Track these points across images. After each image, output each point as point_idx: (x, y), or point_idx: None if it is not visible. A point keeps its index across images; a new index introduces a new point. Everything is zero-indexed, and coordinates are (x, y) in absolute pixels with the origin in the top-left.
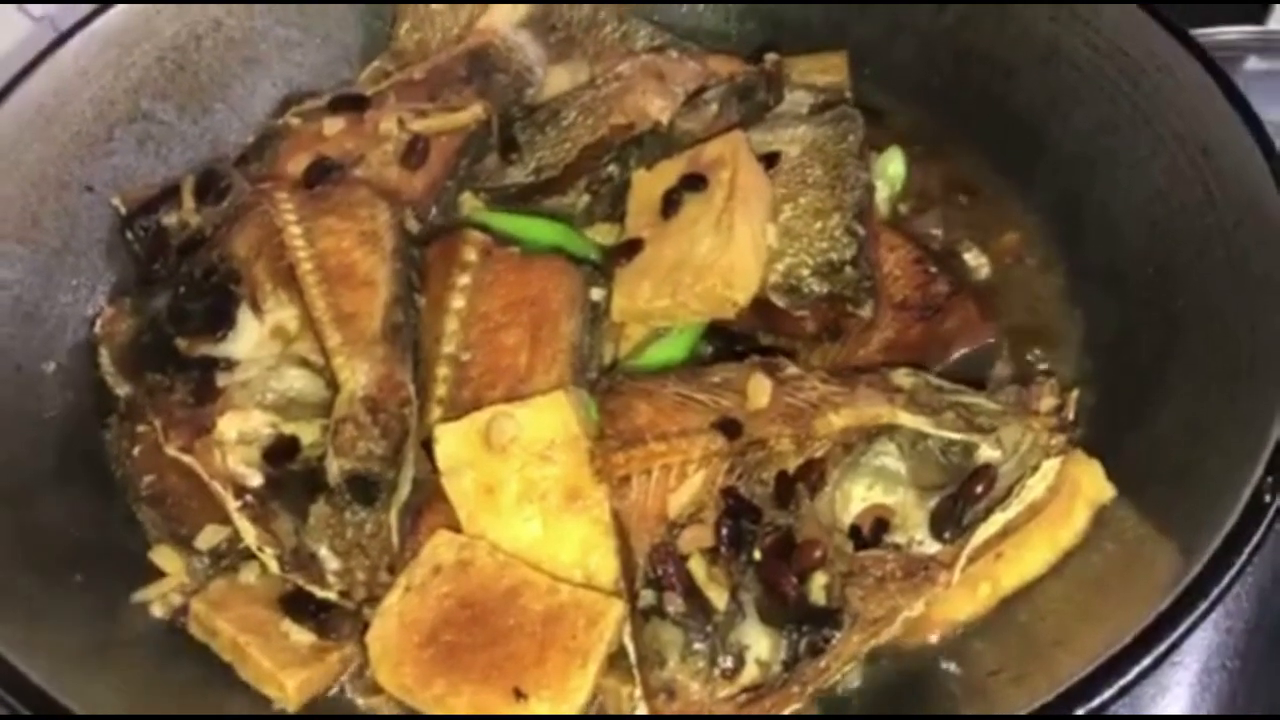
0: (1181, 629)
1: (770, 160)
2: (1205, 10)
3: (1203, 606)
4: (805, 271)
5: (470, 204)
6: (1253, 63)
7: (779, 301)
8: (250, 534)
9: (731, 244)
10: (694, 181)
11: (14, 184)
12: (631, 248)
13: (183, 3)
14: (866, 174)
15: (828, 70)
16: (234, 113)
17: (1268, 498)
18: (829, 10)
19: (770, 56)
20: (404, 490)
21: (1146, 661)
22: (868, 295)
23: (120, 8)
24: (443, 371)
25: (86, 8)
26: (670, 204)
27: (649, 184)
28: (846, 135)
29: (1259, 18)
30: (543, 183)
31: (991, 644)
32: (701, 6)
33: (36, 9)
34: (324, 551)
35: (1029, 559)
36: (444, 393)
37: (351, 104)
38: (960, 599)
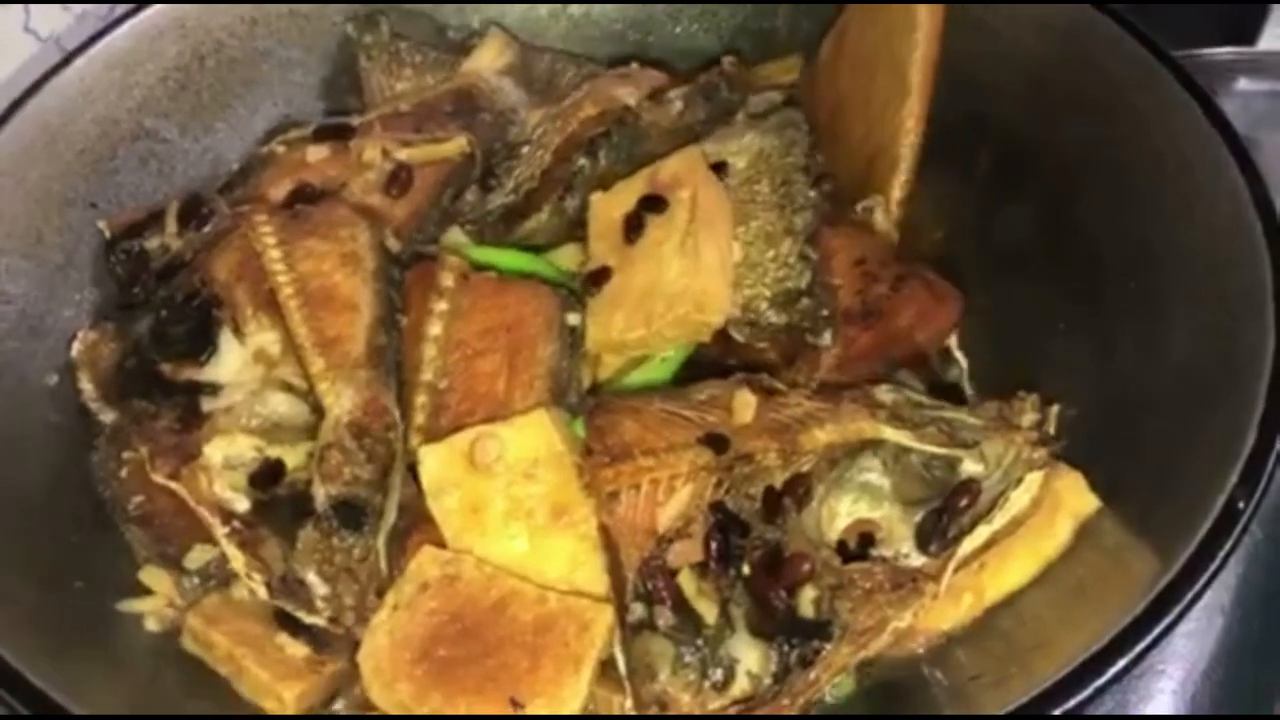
0: (1155, 633)
1: (718, 170)
2: (1197, 31)
3: (1176, 611)
4: (763, 304)
5: (454, 238)
6: (1243, 83)
7: (738, 335)
8: (239, 560)
9: (700, 268)
10: (653, 203)
11: (19, 200)
12: (600, 276)
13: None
14: (814, 192)
15: (789, 71)
16: (235, 132)
17: (1241, 505)
18: (818, 31)
19: (727, 59)
20: (390, 515)
21: (1121, 664)
22: (826, 324)
23: (122, 30)
24: (421, 399)
25: (93, 28)
26: (632, 228)
27: (608, 206)
28: (791, 146)
29: (1250, 39)
30: (523, 200)
31: (973, 651)
32: (695, 28)
33: (44, 29)
34: (312, 577)
35: (1012, 569)
36: (423, 420)
37: (336, 133)
38: (944, 609)
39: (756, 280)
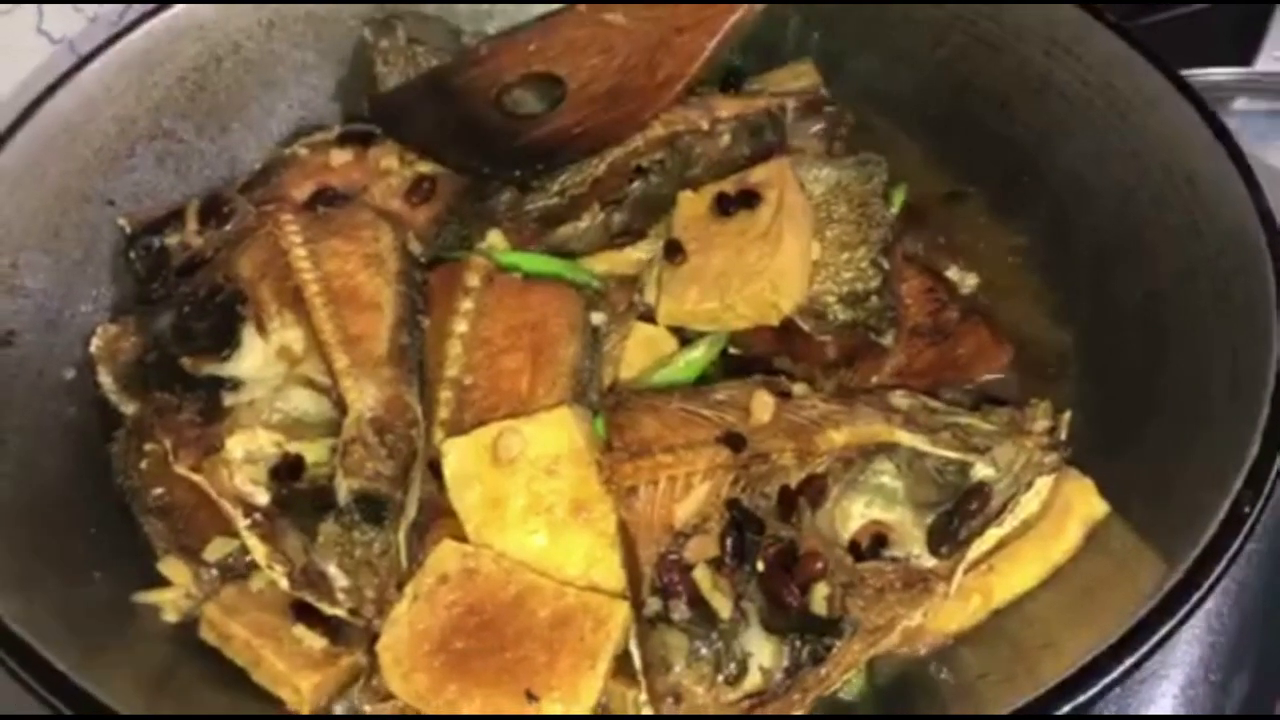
0: (1160, 634)
1: None
2: (1196, 52)
3: (1181, 613)
4: (831, 299)
5: (493, 240)
6: (1242, 103)
7: (804, 324)
8: (260, 552)
9: (780, 251)
10: (747, 197)
11: (39, 197)
12: (674, 248)
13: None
14: (891, 213)
15: (799, 77)
16: (250, 132)
17: (1246, 509)
18: (828, 42)
19: (775, 102)
20: (411, 510)
21: (1126, 664)
22: (890, 324)
23: (142, 30)
24: (445, 395)
25: (105, 31)
26: (723, 209)
27: (694, 204)
28: (871, 177)
29: (1248, 60)
30: (567, 204)
31: (981, 650)
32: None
33: (56, 32)
34: (333, 569)
35: (1021, 572)
36: (446, 415)
37: (359, 139)
38: (953, 610)
39: (828, 278)
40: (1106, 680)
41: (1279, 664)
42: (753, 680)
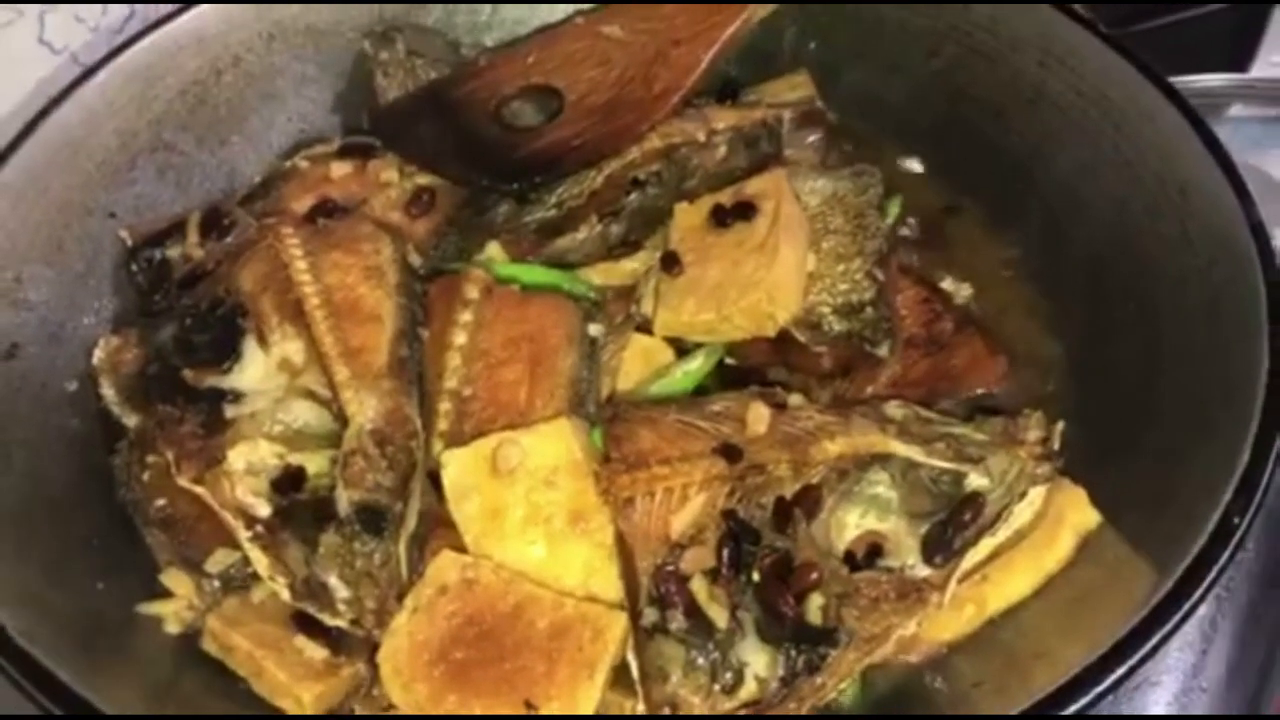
0: (1152, 643)
1: None
2: (1192, 58)
3: (1172, 622)
4: (826, 310)
5: (491, 252)
6: (1236, 109)
7: (800, 335)
8: (262, 563)
9: (777, 263)
10: (743, 209)
11: (41, 210)
12: (672, 260)
13: None
14: (886, 224)
15: (795, 88)
16: (250, 145)
17: (1237, 519)
18: (824, 52)
19: (771, 114)
20: (411, 521)
21: (1119, 672)
22: (886, 335)
23: (143, 43)
24: (444, 406)
25: (107, 40)
26: (719, 220)
27: (690, 215)
28: (867, 189)
29: (1243, 66)
30: (564, 216)
31: (975, 659)
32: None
33: (58, 42)
34: (334, 580)
35: (1014, 582)
36: (445, 427)
37: (359, 151)
38: (947, 619)
39: (823, 290)
40: (1099, 689)
41: (1271, 670)
42: (749, 690)
